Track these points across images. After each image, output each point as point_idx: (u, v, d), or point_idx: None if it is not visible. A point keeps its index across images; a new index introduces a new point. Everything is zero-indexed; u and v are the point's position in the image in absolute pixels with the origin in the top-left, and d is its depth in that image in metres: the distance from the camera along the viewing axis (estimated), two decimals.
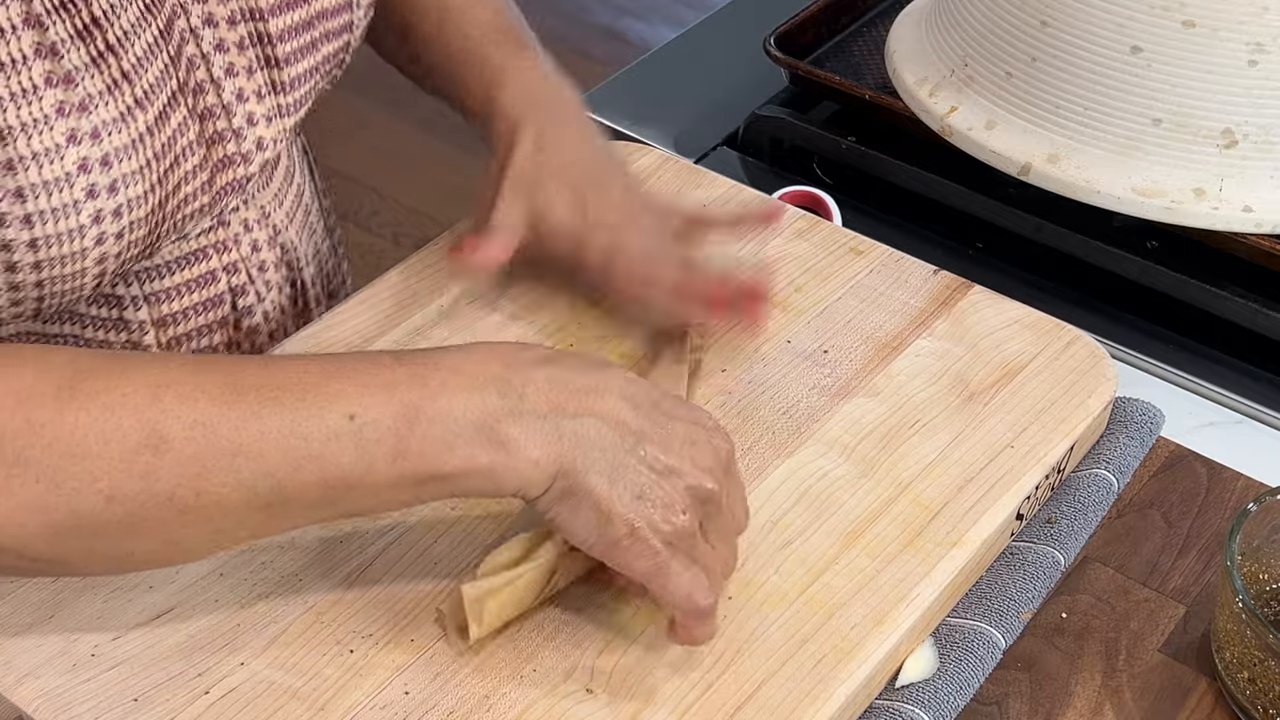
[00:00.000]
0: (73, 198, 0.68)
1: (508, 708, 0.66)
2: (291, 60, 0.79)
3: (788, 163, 1.11)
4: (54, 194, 0.67)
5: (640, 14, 2.98)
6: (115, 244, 0.71)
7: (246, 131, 0.78)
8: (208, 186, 0.76)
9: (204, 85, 0.75)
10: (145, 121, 0.70)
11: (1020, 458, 0.78)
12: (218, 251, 0.82)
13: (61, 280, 0.70)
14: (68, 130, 0.67)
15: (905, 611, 0.70)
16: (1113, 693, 0.72)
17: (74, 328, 0.80)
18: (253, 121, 0.78)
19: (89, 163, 0.68)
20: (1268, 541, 0.73)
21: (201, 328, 0.83)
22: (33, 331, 0.79)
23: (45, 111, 0.66)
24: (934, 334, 0.86)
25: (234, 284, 0.83)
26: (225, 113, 0.76)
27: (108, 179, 0.69)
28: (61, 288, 0.71)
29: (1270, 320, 0.94)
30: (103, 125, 0.68)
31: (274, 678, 0.67)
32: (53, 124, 0.67)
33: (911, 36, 1.08)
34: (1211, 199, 0.93)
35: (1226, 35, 0.90)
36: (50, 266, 0.69)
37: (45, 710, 0.65)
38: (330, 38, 0.82)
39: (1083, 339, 0.86)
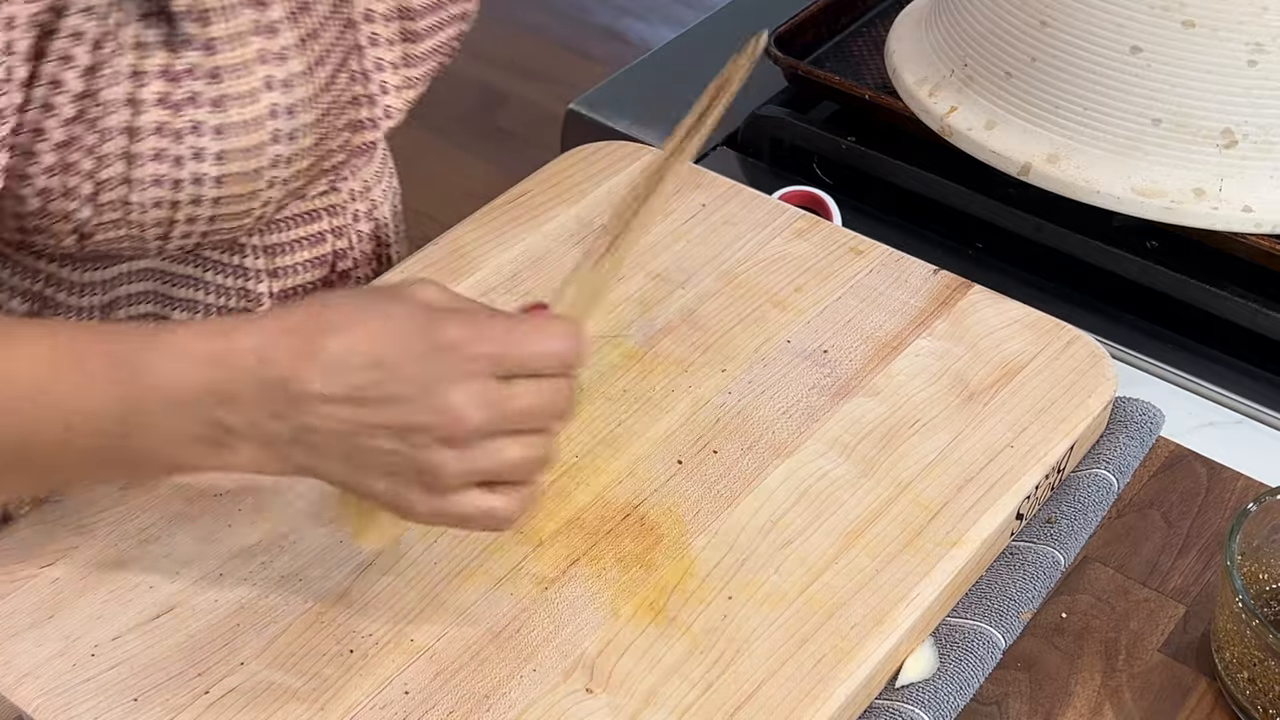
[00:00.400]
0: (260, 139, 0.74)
1: (507, 708, 0.66)
2: (424, 36, 0.85)
3: (787, 163, 1.11)
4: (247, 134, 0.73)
5: (640, 14, 2.98)
6: (281, 189, 0.77)
7: (379, 99, 0.84)
8: (346, 145, 0.82)
9: (353, 51, 0.81)
10: (323, 78, 0.77)
11: (1020, 457, 0.78)
12: (329, 214, 0.87)
13: (231, 218, 0.76)
14: (265, 76, 0.74)
15: (905, 611, 0.70)
16: (1112, 692, 0.72)
17: (197, 269, 0.83)
18: (385, 90, 0.84)
19: (278, 109, 0.74)
20: (1267, 541, 0.73)
21: (308, 284, 0.87)
22: (160, 269, 0.82)
23: (249, 57, 0.73)
24: (934, 334, 0.86)
25: (337, 248, 0.88)
26: (365, 79, 0.82)
27: (289, 126, 0.75)
28: (227, 225, 0.76)
29: (1270, 320, 0.94)
30: (294, 76, 0.75)
31: (274, 678, 0.67)
32: (255, 69, 0.73)
33: (911, 36, 1.08)
34: (1211, 199, 0.93)
35: (1226, 35, 0.90)
36: (227, 204, 0.75)
37: (45, 710, 0.65)
38: (455, 21, 0.87)
39: (1082, 339, 0.86)
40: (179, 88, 0.72)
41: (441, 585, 0.71)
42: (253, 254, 0.84)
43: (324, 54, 0.78)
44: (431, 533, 0.73)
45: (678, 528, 0.74)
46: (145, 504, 0.74)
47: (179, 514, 0.74)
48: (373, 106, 0.83)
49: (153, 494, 0.74)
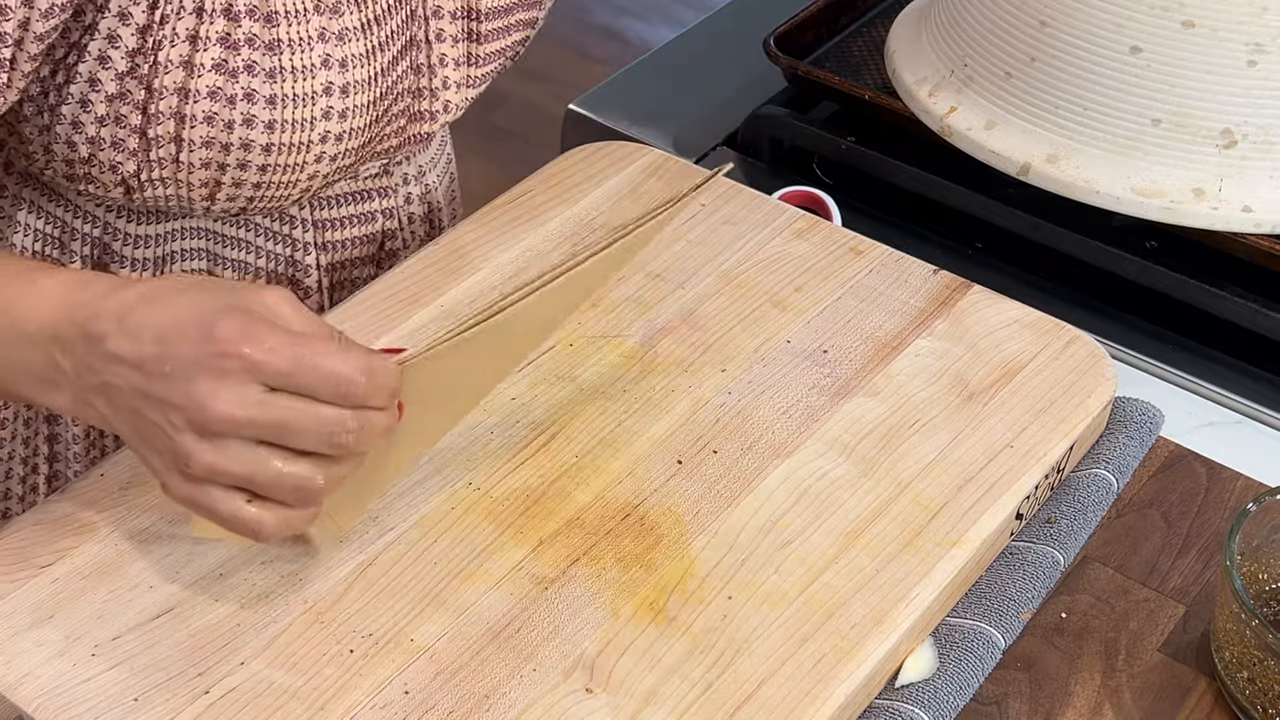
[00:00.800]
0: (311, 114, 0.77)
1: (507, 707, 0.66)
2: (489, 38, 0.87)
3: (787, 163, 1.11)
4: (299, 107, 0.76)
5: (640, 14, 2.98)
6: (329, 165, 0.80)
7: (440, 93, 0.86)
8: (401, 131, 0.85)
9: (419, 43, 0.83)
10: (383, 62, 0.80)
11: (1020, 457, 0.78)
12: (380, 195, 0.90)
13: (277, 187, 0.79)
14: (324, 54, 0.77)
15: (905, 611, 0.70)
16: (1112, 692, 0.72)
17: (248, 233, 0.86)
18: (446, 85, 0.86)
19: (332, 87, 0.77)
20: (1267, 541, 0.73)
21: (355, 259, 0.91)
22: (212, 229, 0.85)
23: (310, 33, 0.76)
24: (934, 334, 0.86)
25: (387, 227, 0.91)
26: (429, 72, 0.85)
27: (342, 105, 0.78)
28: (273, 194, 0.79)
29: (1269, 320, 0.94)
30: (352, 57, 0.78)
31: (274, 677, 0.67)
32: (314, 45, 0.76)
33: (911, 37, 1.08)
34: (1211, 199, 0.93)
35: (1226, 35, 0.90)
36: (273, 172, 0.77)
37: (45, 710, 0.65)
38: (522, 26, 0.90)
39: (1082, 339, 0.86)
40: (237, 55, 0.74)
41: (441, 585, 0.71)
42: (302, 226, 0.87)
43: (386, 40, 0.80)
44: (432, 533, 0.73)
45: (678, 528, 0.74)
46: (145, 504, 0.74)
47: (179, 514, 0.73)
48: (433, 100, 0.86)
49: (153, 494, 0.74)
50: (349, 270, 0.91)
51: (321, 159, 0.79)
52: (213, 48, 0.74)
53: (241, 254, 0.87)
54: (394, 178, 0.91)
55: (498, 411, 0.80)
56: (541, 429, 0.79)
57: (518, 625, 0.70)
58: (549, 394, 0.81)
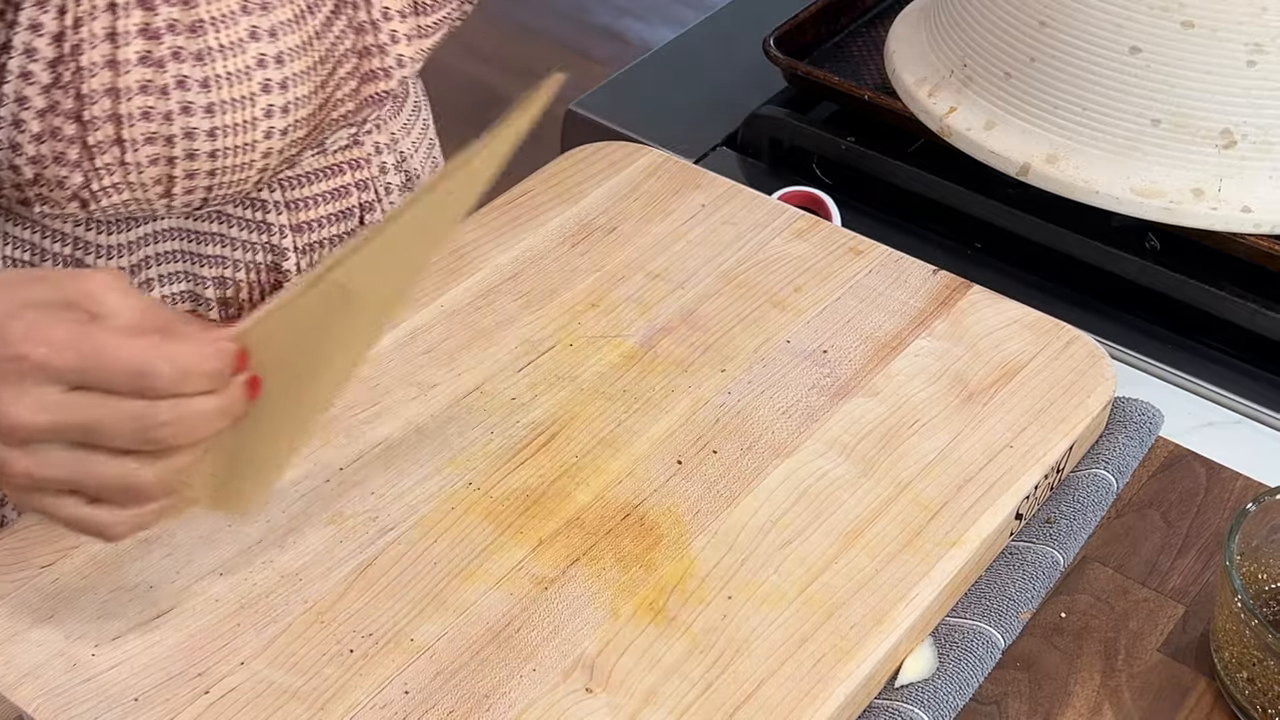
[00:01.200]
0: (249, 90, 0.74)
1: (507, 707, 0.66)
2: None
3: (787, 163, 1.11)
4: (235, 85, 0.74)
5: (640, 14, 2.97)
6: (280, 140, 0.77)
7: (390, 48, 0.83)
8: (355, 94, 0.82)
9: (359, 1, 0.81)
10: (314, 26, 0.77)
11: (1019, 457, 0.78)
12: (352, 168, 0.87)
13: (232, 171, 0.76)
14: (250, 27, 0.74)
15: (904, 611, 0.71)
16: (1112, 692, 0.72)
17: (221, 226, 0.84)
18: (395, 39, 0.83)
19: (266, 59, 0.75)
20: (1266, 541, 0.73)
21: (334, 237, 0.88)
22: (184, 228, 0.83)
23: (233, 8, 0.74)
24: (933, 334, 0.86)
25: (363, 200, 0.88)
26: (374, 28, 0.82)
27: (280, 75, 0.75)
28: (230, 178, 0.76)
29: (1269, 320, 0.94)
30: (280, 25, 0.75)
31: (274, 677, 0.67)
32: (238, 20, 0.74)
33: (911, 37, 1.08)
34: (1210, 199, 0.93)
35: (1225, 36, 0.90)
36: (225, 156, 0.75)
37: (45, 710, 0.65)
38: None
39: (1082, 339, 0.86)
40: (160, 44, 0.72)
41: (441, 585, 0.71)
42: (275, 209, 0.85)
43: (330, 16, 0.78)
44: (431, 533, 0.74)
45: (677, 528, 0.74)
46: None
47: None
48: (383, 56, 0.83)
49: None
50: (329, 247, 0.88)
51: (271, 134, 0.76)
52: (134, 41, 0.72)
53: (219, 249, 0.84)
54: (365, 148, 0.88)
55: (497, 411, 0.80)
56: (541, 429, 0.79)
57: (517, 625, 0.70)
58: (549, 394, 0.81)
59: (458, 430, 0.78)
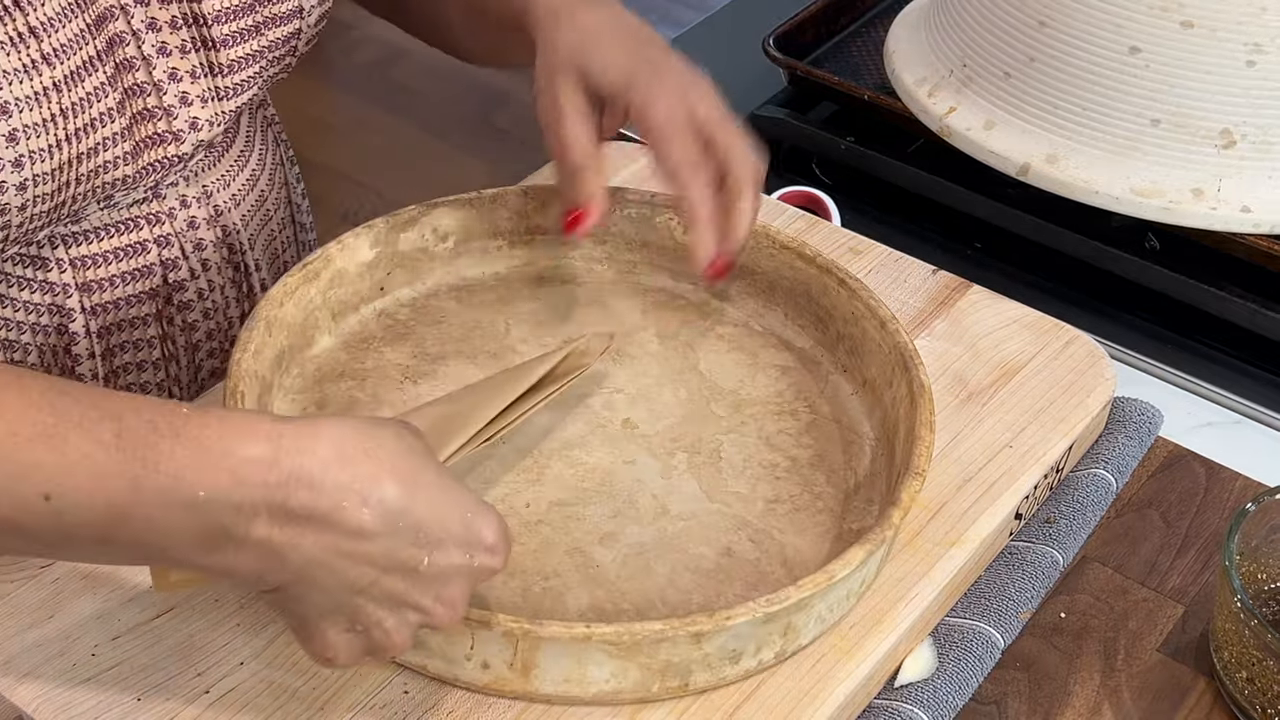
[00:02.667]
0: None
1: (506, 706, 0.66)
2: (230, 43, 0.80)
3: (787, 163, 1.11)
4: None
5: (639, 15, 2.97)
6: (17, 195, 0.70)
7: (179, 110, 0.78)
8: (131, 158, 0.77)
9: (134, 62, 0.76)
10: (52, 77, 0.71)
11: (1019, 457, 0.78)
12: (150, 223, 0.82)
13: None
14: None
15: (904, 611, 0.71)
16: (1111, 692, 0.72)
17: (3, 288, 0.79)
18: (186, 101, 0.79)
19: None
20: (1266, 541, 0.73)
21: (130, 297, 0.82)
22: None
23: None
24: (933, 334, 0.86)
25: (165, 257, 0.83)
26: (156, 90, 0.77)
27: (6, 127, 0.69)
28: None
29: (1268, 320, 0.94)
30: (2, 75, 0.68)
31: (274, 677, 0.67)
32: None
33: (910, 37, 1.08)
34: (1210, 199, 0.93)
35: (1225, 36, 0.90)
36: None
37: (45, 710, 0.65)
38: (276, 23, 0.82)
39: (1081, 339, 0.86)
40: None
41: None
42: (58, 267, 0.79)
43: (77, 71, 0.72)
44: None
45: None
46: None
47: None
48: (171, 119, 0.78)
49: None
50: (124, 310, 0.82)
51: (6, 210, 0.70)
52: None
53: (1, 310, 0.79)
54: (167, 201, 0.82)
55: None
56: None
57: None
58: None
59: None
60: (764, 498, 0.75)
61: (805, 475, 0.77)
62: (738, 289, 0.86)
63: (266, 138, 0.93)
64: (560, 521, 0.73)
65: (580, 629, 0.63)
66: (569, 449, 0.77)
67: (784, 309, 0.85)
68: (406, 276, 0.85)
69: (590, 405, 0.80)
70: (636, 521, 0.73)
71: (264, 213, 0.90)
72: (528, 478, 0.76)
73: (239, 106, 0.81)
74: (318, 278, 0.80)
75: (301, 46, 0.85)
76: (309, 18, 0.83)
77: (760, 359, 0.83)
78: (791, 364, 0.83)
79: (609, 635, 0.63)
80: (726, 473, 0.76)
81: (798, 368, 0.83)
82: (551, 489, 0.75)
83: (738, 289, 0.86)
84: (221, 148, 0.86)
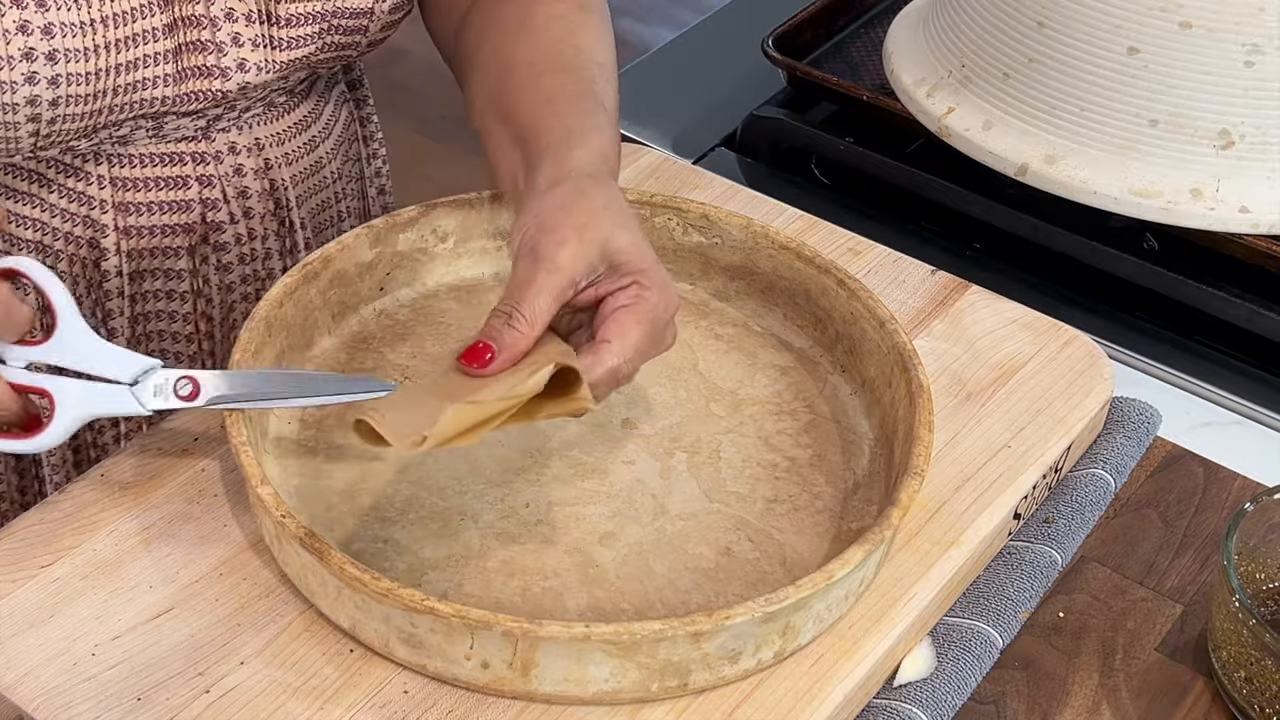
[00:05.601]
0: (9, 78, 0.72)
1: (506, 706, 0.66)
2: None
3: (786, 164, 1.11)
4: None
5: (638, 15, 2.98)
6: (49, 89, 0.74)
7: (229, 49, 0.81)
8: (174, 81, 0.80)
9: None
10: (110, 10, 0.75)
11: (1018, 457, 0.78)
12: (195, 160, 0.85)
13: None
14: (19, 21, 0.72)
15: (903, 610, 0.71)
16: (1110, 692, 0.72)
17: (38, 188, 0.83)
18: (238, 42, 0.81)
19: (34, 53, 0.73)
20: (1264, 541, 0.73)
21: (165, 226, 0.86)
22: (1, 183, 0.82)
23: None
24: (931, 334, 0.86)
25: (206, 196, 0.86)
26: (211, 25, 0.80)
27: (42, 20, 0.73)
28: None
29: (1267, 320, 0.94)
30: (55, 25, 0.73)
31: (274, 677, 0.67)
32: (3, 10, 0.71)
33: (909, 38, 1.08)
34: (1208, 200, 0.93)
35: (1223, 36, 0.90)
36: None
37: (45, 710, 0.65)
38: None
39: (1080, 339, 0.86)
40: None
41: None
42: (98, 183, 0.83)
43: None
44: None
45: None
46: (145, 504, 0.74)
47: (179, 514, 0.74)
48: (221, 54, 0.81)
49: (154, 494, 0.75)
50: (157, 237, 0.86)
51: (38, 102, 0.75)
52: None
53: (35, 211, 0.83)
54: (215, 143, 0.85)
55: None
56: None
57: None
58: None
59: None
60: (763, 498, 0.75)
61: (804, 475, 0.77)
62: (736, 289, 0.87)
63: (339, 116, 0.95)
64: (560, 521, 0.73)
65: (579, 628, 0.63)
66: (569, 449, 0.77)
67: (783, 309, 0.85)
68: (406, 276, 0.86)
69: None
70: (636, 521, 0.74)
71: (319, 179, 0.92)
72: (527, 478, 0.76)
73: (291, 61, 0.84)
74: (317, 278, 0.80)
75: (374, 30, 0.87)
76: (384, 3, 0.85)
77: (759, 359, 0.84)
78: (790, 364, 0.83)
79: (608, 635, 0.63)
80: (725, 473, 0.77)
81: (797, 368, 0.83)
82: (551, 489, 0.75)
83: (736, 289, 0.87)
84: (283, 108, 0.88)
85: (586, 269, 0.69)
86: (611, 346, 0.68)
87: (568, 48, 0.82)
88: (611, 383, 0.68)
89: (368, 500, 0.74)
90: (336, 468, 0.76)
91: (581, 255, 0.69)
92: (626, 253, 0.70)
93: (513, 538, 0.73)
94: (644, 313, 0.69)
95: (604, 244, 0.70)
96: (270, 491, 0.68)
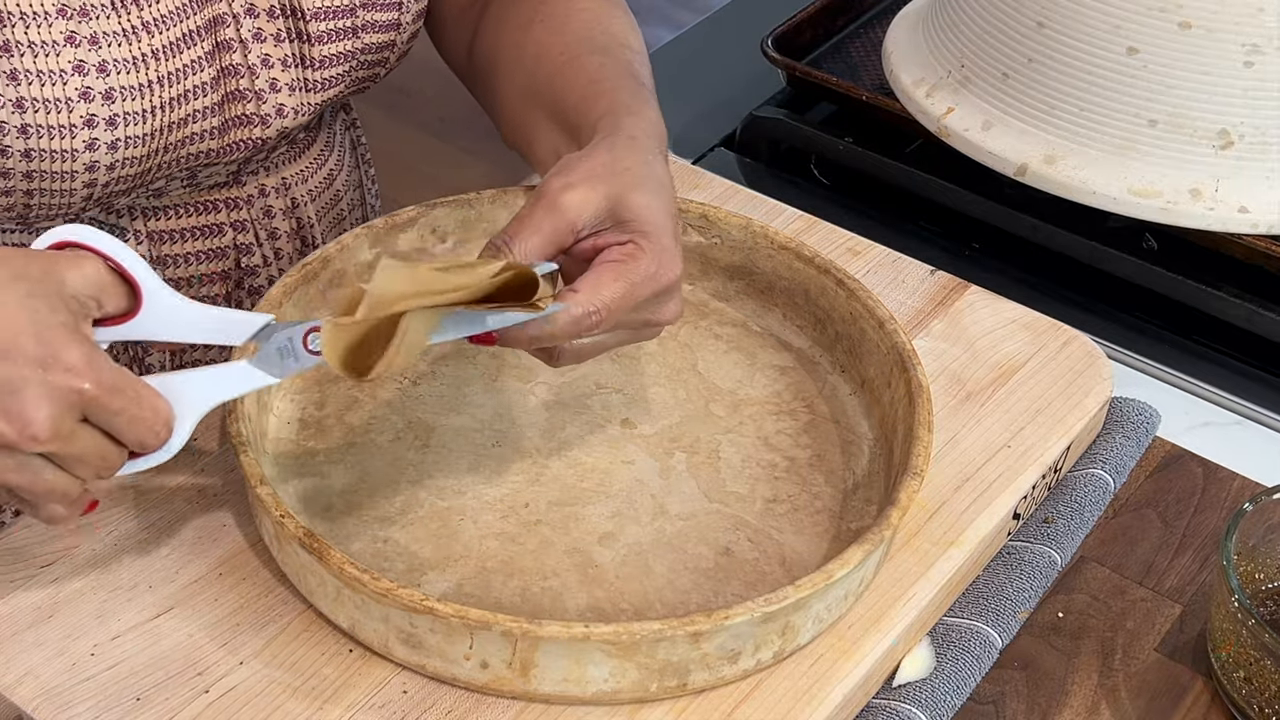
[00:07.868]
0: (65, 94, 0.72)
1: (505, 706, 0.66)
2: (324, 39, 0.82)
3: (785, 164, 1.11)
4: (48, 88, 0.72)
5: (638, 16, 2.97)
6: (108, 154, 0.74)
7: (268, 95, 0.81)
8: (219, 134, 0.80)
9: (231, 43, 0.79)
10: (151, 45, 0.75)
11: (1017, 457, 0.78)
12: (229, 207, 0.86)
13: (51, 180, 0.74)
14: (66, 31, 0.72)
15: (902, 610, 0.71)
16: (1109, 692, 0.72)
17: None
18: (275, 88, 0.82)
19: (85, 66, 0.73)
20: (1263, 541, 0.73)
21: (202, 275, 0.86)
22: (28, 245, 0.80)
23: (53, 37, 0.72)
24: (931, 334, 0.86)
25: (240, 241, 0.87)
26: (250, 73, 0.81)
27: (103, 85, 0.73)
28: (51, 189, 0.74)
29: (1266, 320, 0.94)
30: (103, 35, 0.73)
31: (274, 677, 0.67)
32: (52, 21, 0.72)
33: (908, 38, 1.09)
34: (1207, 200, 0.93)
35: (1222, 36, 0.90)
36: (41, 159, 0.73)
37: (45, 710, 0.65)
38: (373, 30, 0.84)
39: (1079, 339, 0.86)
40: None
41: None
42: (135, 238, 0.83)
43: (177, 41, 0.76)
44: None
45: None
46: (145, 504, 0.74)
47: (179, 514, 0.74)
48: (260, 102, 0.81)
49: (153, 494, 0.75)
50: (195, 287, 0.87)
51: (96, 168, 0.75)
52: None
53: None
54: (247, 188, 0.86)
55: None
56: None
57: None
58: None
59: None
60: (762, 498, 0.75)
61: (804, 475, 0.77)
62: (736, 289, 0.87)
63: (344, 141, 0.95)
64: (559, 521, 0.74)
65: (579, 628, 0.63)
66: (568, 449, 0.77)
67: (782, 309, 0.85)
68: None
69: (589, 405, 0.80)
70: (635, 521, 0.74)
71: (338, 211, 0.93)
72: (527, 478, 0.76)
73: (325, 101, 0.84)
74: (316, 278, 0.80)
75: (394, 60, 0.87)
76: (403, 34, 0.86)
77: (758, 359, 0.84)
78: (790, 364, 0.83)
79: (607, 635, 0.63)
80: (725, 473, 0.77)
81: (796, 368, 0.83)
82: (550, 489, 0.75)
83: (736, 289, 0.87)
84: (303, 144, 0.89)
85: (592, 217, 0.69)
86: (577, 295, 0.67)
87: (599, 33, 0.82)
88: (571, 330, 0.67)
89: (367, 500, 0.74)
90: (336, 468, 0.76)
91: (587, 202, 0.68)
92: (635, 211, 0.69)
93: (512, 538, 0.73)
94: (628, 272, 0.68)
95: (616, 199, 0.69)
96: (269, 491, 0.68)
